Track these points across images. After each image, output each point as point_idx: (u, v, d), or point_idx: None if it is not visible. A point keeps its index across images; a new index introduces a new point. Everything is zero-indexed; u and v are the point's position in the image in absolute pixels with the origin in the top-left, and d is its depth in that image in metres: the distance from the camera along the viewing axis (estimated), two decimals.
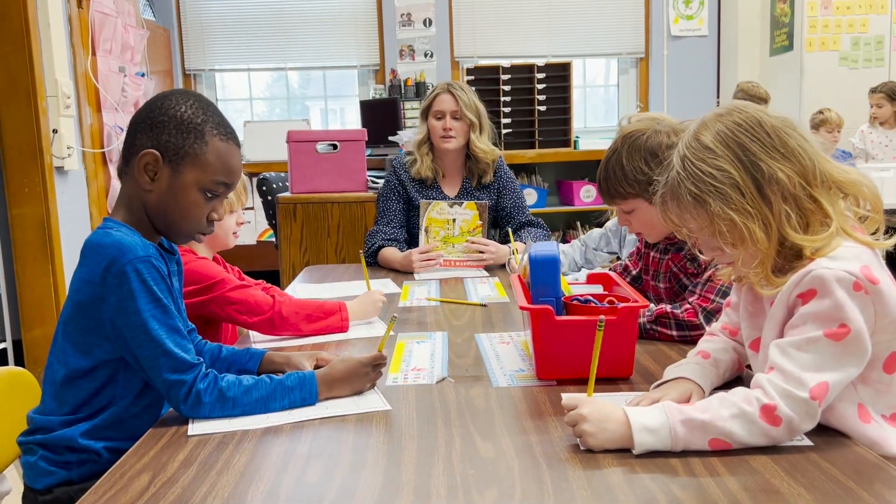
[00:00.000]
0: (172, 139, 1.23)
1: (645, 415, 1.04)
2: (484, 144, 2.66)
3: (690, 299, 1.58)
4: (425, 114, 2.68)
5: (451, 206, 2.60)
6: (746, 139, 1.10)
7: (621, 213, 1.72)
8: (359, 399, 1.28)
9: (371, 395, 1.30)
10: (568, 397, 1.10)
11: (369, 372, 1.30)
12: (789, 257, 1.10)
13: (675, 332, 1.56)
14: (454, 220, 2.60)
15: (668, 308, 1.58)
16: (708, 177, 1.09)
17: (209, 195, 1.27)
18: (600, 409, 1.05)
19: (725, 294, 1.52)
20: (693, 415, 1.02)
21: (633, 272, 1.89)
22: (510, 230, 2.57)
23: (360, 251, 2.20)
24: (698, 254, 1.27)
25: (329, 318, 1.73)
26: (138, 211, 1.28)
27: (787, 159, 1.09)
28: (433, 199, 2.65)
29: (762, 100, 4.60)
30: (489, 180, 2.71)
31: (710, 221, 1.10)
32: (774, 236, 1.08)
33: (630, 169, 1.63)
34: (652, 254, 1.79)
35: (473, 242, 2.51)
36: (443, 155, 2.69)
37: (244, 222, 1.87)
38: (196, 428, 1.17)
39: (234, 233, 1.90)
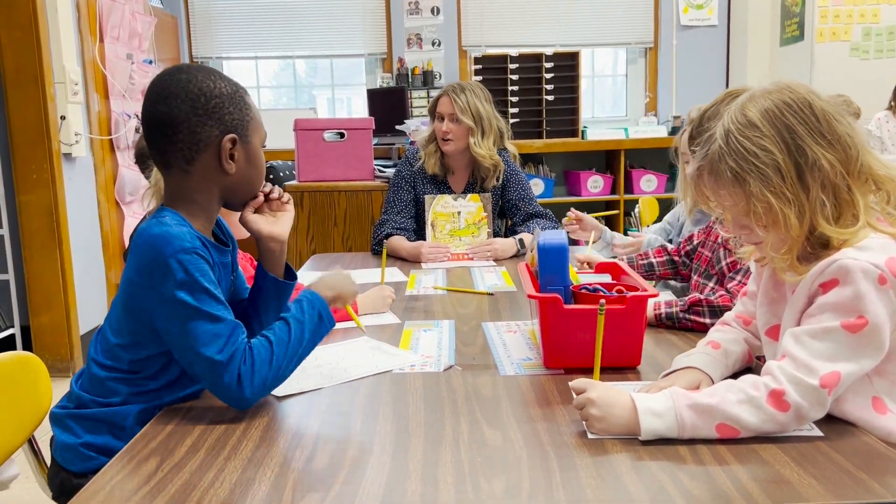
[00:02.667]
0: (235, 116, 1.24)
1: (651, 399, 1.04)
2: (483, 149, 2.60)
3: (729, 285, 1.56)
4: (432, 114, 2.70)
5: (455, 200, 2.60)
6: (794, 120, 1.06)
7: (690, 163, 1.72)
8: (391, 357, 1.43)
9: (400, 352, 1.46)
10: (576, 381, 1.10)
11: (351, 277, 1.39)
12: (815, 246, 1.08)
13: (708, 320, 1.52)
14: (459, 213, 2.60)
15: (702, 295, 1.56)
16: (751, 155, 1.06)
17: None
18: (607, 394, 1.05)
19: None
20: (699, 399, 1.02)
21: (696, 242, 1.88)
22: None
23: (384, 247, 2.20)
24: (721, 232, 1.26)
25: (339, 311, 1.73)
26: (205, 199, 1.27)
27: (832, 146, 1.06)
28: (441, 193, 2.65)
29: (855, 115, 4.56)
30: (492, 185, 2.70)
31: (745, 200, 1.08)
32: (807, 224, 1.06)
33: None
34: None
35: (476, 251, 2.51)
36: (447, 154, 2.68)
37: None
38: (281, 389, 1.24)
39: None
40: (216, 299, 1.18)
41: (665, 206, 2.94)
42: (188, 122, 1.21)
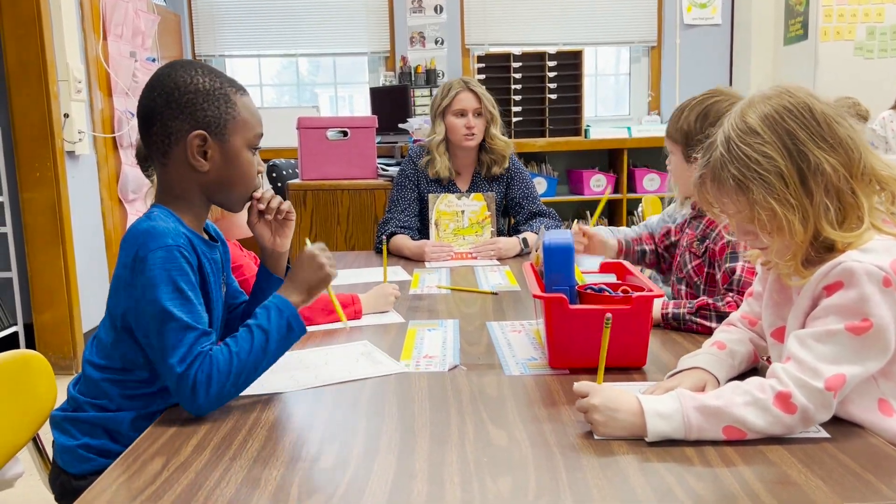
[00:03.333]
0: (209, 112, 1.22)
1: (657, 401, 1.03)
2: (500, 136, 2.68)
3: (732, 295, 1.54)
4: (443, 113, 2.64)
5: (459, 199, 2.61)
6: (795, 125, 1.06)
7: (670, 156, 1.77)
8: (373, 365, 1.40)
9: (387, 360, 1.42)
10: (580, 383, 1.09)
11: (318, 256, 1.29)
12: (820, 249, 1.07)
13: (715, 324, 1.51)
14: (462, 212, 2.60)
15: (710, 300, 1.55)
16: (753, 163, 1.05)
17: (253, 151, 1.29)
18: (611, 397, 1.05)
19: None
20: (706, 401, 1.02)
21: (673, 239, 1.88)
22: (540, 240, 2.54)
23: (384, 244, 2.19)
24: (728, 235, 1.26)
25: (342, 310, 1.72)
26: (188, 195, 1.26)
27: (834, 150, 1.05)
28: (445, 192, 2.65)
29: (862, 118, 4.52)
30: (500, 171, 2.70)
31: (749, 208, 1.07)
32: (811, 229, 1.05)
33: (686, 117, 1.67)
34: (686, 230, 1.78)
35: (480, 250, 2.51)
36: (460, 152, 2.68)
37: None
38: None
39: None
40: (189, 301, 1.16)
41: (668, 205, 2.93)
42: (161, 115, 1.21)
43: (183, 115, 1.21)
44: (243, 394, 1.22)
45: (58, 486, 1.30)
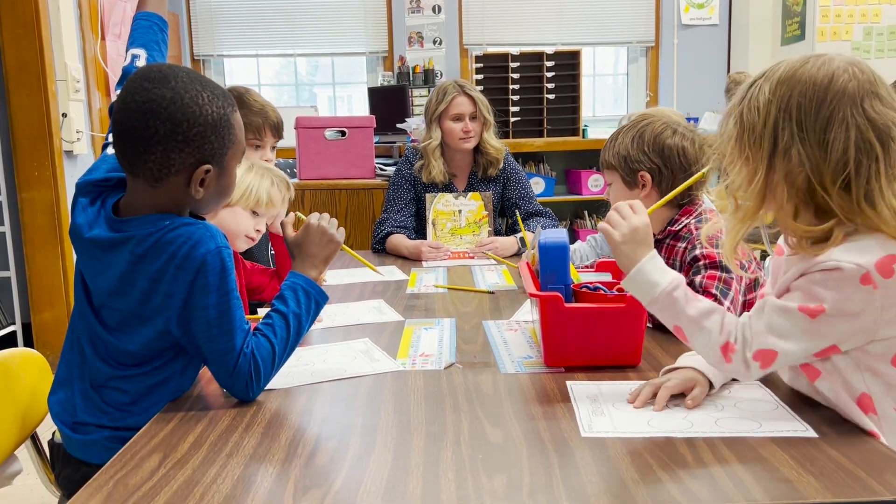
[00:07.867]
0: (215, 145, 1.17)
1: (662, 267, 1.15)
2: (495, 141, 2.69)
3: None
4: (439, 118, 2.64)
5: (457, 198, 2.61)
6: (797, 102, 1.07)
7: (606, 185, 1.78)
8: (369, 362, 1.41)
9: (385, 359, 1.43)
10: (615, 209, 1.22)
11: (326, 229, 1.36)
12: (817, 241, 1.06)
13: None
14: (460, 212, 2.61)
15: None
16: (752, 108, 1.09)
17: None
18: (641, 231, 1.17)
19: (724, 293, 1.51)
20: (682, 305, 1.11)
21: None
22: (519, 216, 2.56)
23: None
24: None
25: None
26: (173, 211, 1.21)
27: (816, 147, 1.04)
28: (442, 192, 2.66)
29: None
30: (495, 172, 2.71)
31: (739, 153, 1.11)
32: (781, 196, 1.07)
33: (620, 142, 1.68)
34: None
35: (479, 249, 2.52)
36: (457, 154, 2.68)
37: (261, 230, 1.75)
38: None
39: (248, 236, 1.74)
40: (238, 300, 1.21)
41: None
42: (164, 146, 1.14)
43: (189, 148, 1.15)
44: None
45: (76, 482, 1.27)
